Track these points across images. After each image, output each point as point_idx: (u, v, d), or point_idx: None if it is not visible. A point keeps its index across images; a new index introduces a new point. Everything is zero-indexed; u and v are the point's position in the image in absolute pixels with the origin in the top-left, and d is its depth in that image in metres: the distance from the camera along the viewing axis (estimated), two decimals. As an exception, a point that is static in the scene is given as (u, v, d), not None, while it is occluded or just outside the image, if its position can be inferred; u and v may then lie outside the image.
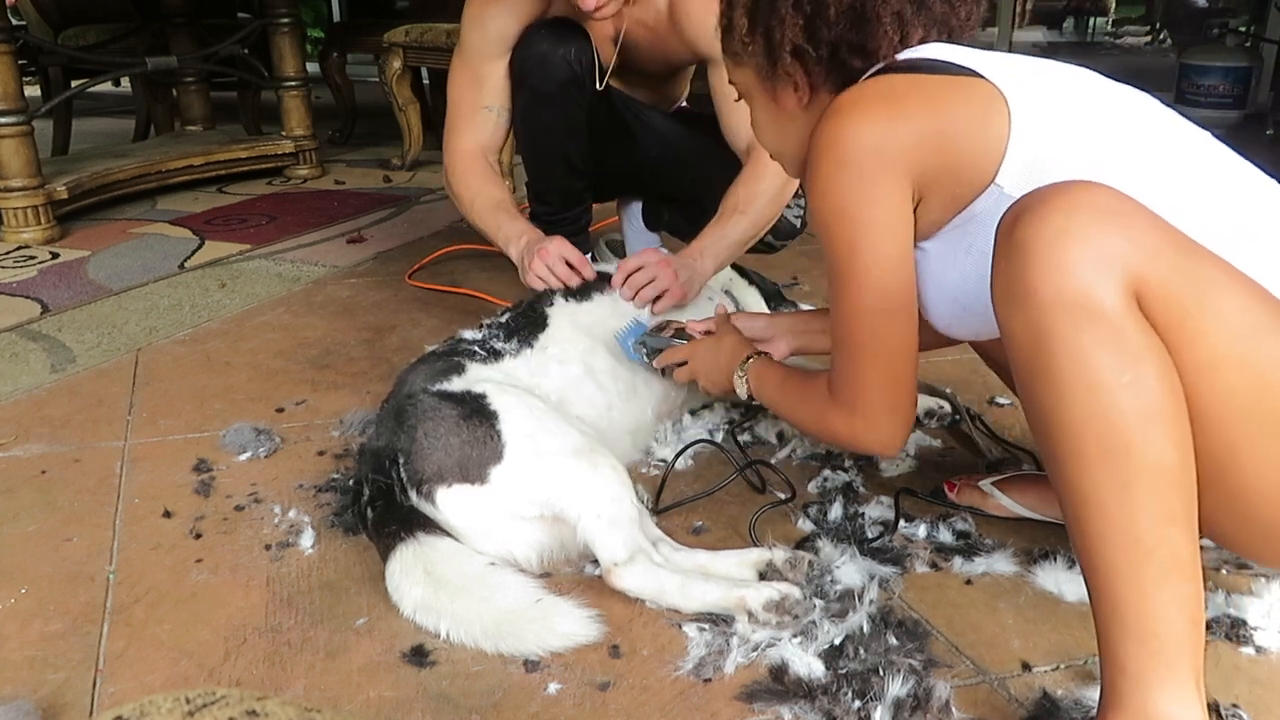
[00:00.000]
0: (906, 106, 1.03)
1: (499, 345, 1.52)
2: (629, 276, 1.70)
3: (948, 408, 1.67)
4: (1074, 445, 0.85)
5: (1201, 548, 0.88)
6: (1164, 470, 0.84)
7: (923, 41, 1.10)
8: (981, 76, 1.02)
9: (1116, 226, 0.85)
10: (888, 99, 1.04)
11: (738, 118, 1.94)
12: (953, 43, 1.10)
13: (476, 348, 1.50)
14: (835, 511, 1.37)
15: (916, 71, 1.06)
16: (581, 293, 1.69)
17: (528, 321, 1.60)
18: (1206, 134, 1.04)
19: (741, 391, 1.37)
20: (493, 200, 2.03)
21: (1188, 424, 0.85)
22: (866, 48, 1.09)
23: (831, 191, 1.05)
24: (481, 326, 1.59)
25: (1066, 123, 1.02)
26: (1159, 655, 0.85)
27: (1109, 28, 9.29)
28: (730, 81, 1.24)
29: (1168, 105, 1.06)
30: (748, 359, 1.37)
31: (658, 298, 1.69)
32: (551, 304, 1.65)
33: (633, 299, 1.68)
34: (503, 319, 1.62)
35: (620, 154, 2.16)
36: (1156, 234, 0.86)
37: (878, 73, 1.09)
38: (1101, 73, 1.10)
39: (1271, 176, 1.02)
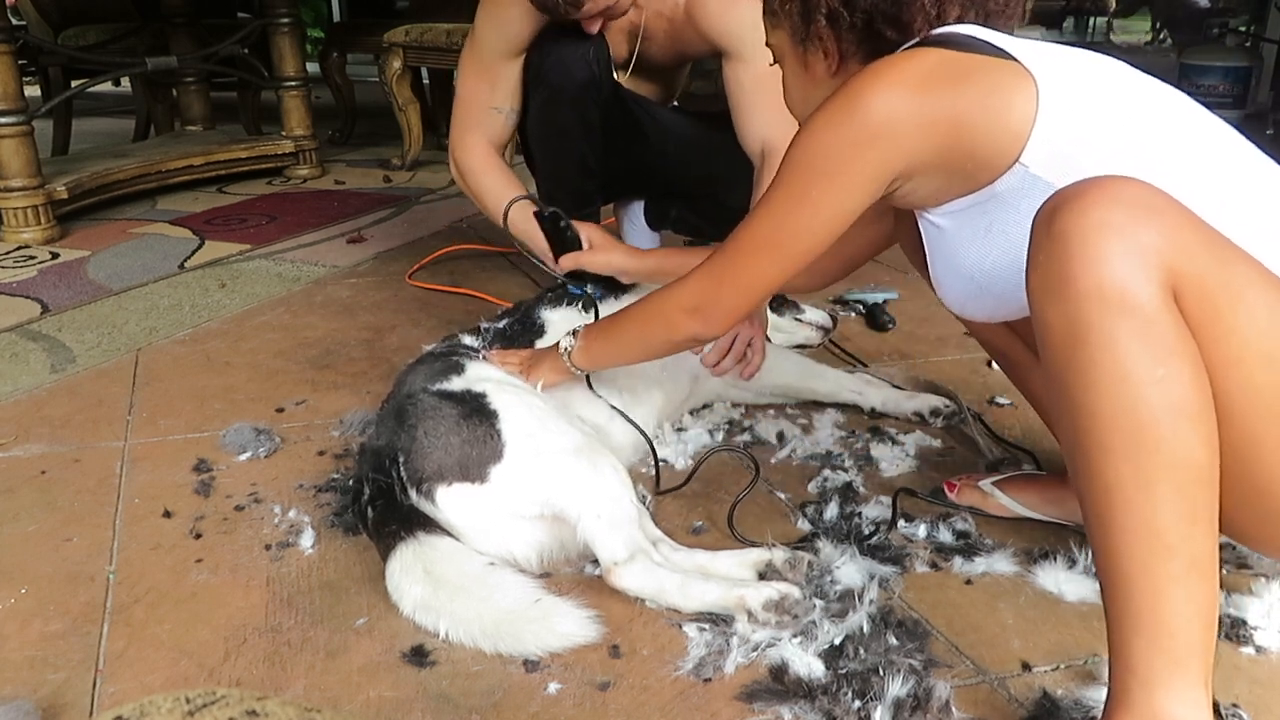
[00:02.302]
0: (934, 86, 1.02)
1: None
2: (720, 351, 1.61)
3: (953, 406, 1.67)
4: (1102, 438, 0.85)
5: None
6: (1190, 467, 0.83)
7: (959, 20, 1.10)
8: (1013, 58, 1.02)
9: (1155, 222, 0.85)
10: (917, 77, 1.02)
11: (754, 120, 1.95)
12: (988, 27, 1.10)
13: (475, 350, 1.50)
14: (835, 511, 1.37)
15: (950, 47, 1.05)
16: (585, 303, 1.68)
17: (524, 329, 1.60)
18: (1232, 129, 1.04)
19: (571, 365, 1.40)
20: (520, 204, 2.05)
21: (1215, 422, 0.85)
22: (901, 19, 1.10)
23: (825, 132, 1.05)
24: (479, 331, 1.59)
25: (1097, 109, 1.02)
26: (1171, 655, 0.85)
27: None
28: (767, 43, 1.25)
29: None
30: (572, 334, 1.41)
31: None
32: (551, 310, 1.64)
33: (716, 365, 1.61)
34: (500, 324, 1.61)
35: (632, 152, 2.16)
36: (1192, 230, 0.87)
37: (910, 47, 1.09)
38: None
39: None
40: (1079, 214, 0.86)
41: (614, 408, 1.47)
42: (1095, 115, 1.01)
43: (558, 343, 1.43)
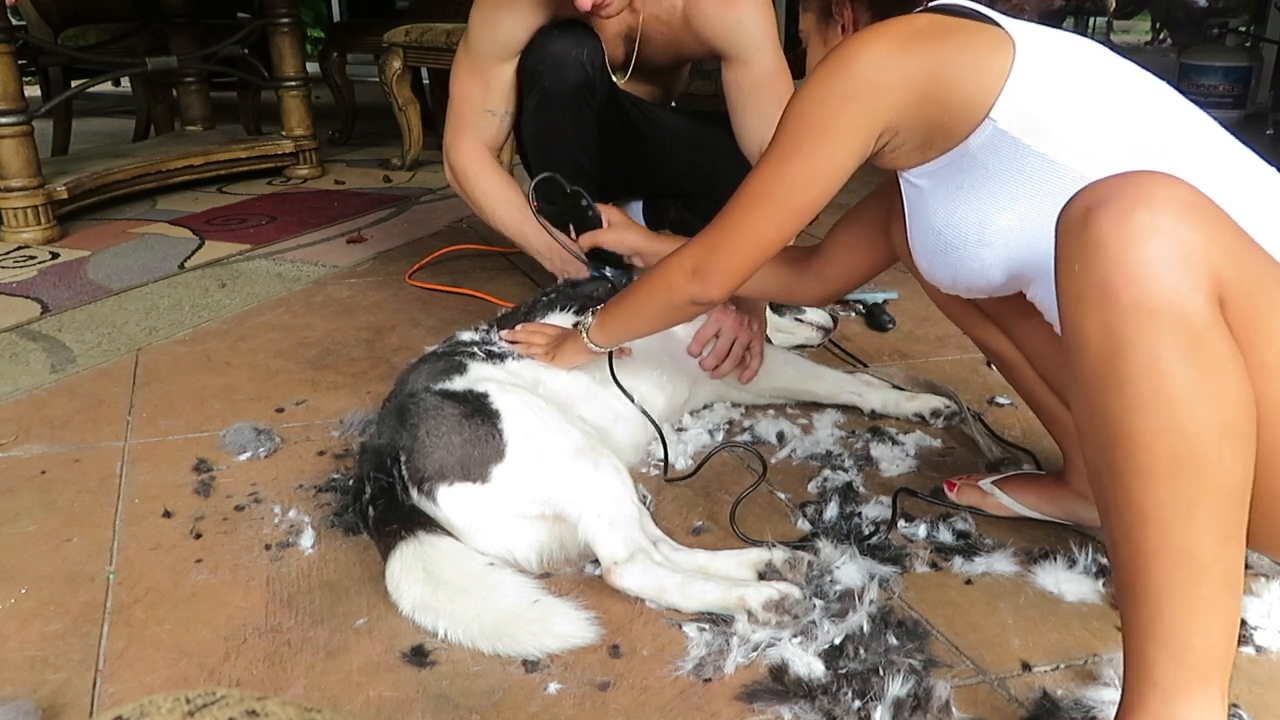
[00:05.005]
0: (915, 43, 1.05)
1: (502, 347, 1.52)
2: (705, 344, 1.63)
3: (953, 406, 1.67)
4: (1142, 459, 0.80)
5: None
6: (1230, 488, 0.80)
7: None
8: (1000, 27, 1.05)
9: (1196, 222, 0.80)
10: (901, 35, 1.06)
11: (753, 121, 1.95)
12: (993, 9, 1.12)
13: (477, 349, 1.50)
14: (835, 511, 1.37)
15: (943, 14, 1.09)
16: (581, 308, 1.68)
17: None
18: (1216, 123, 1.04)
19: (590, 344, 1.42)
20: (514, 205, 2.05)
21: (1255, 438, 0.82)
22: None
23: (813, 92, 1.09)
24: (478, 330, 1.59)
25: (1072, 80, 1.03)
26: (1195, 669, 0.83)
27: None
28: (800, 30, 1.30)
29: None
30: (590, 313, 1.43)
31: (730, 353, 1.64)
32: (551, 309, 1.64)
33: (715, 368, 1.63)
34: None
35: (629, 154, 2.16)
36: (1229, 230, 0.83)
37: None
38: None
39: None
40: (1119, 218, 0.80)
41: (627, 394, 1.47)
42: (1070, 84, 1.03)
43: (577, 323, 1.45)
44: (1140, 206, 0.81)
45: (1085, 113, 1.01)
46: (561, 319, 1.62)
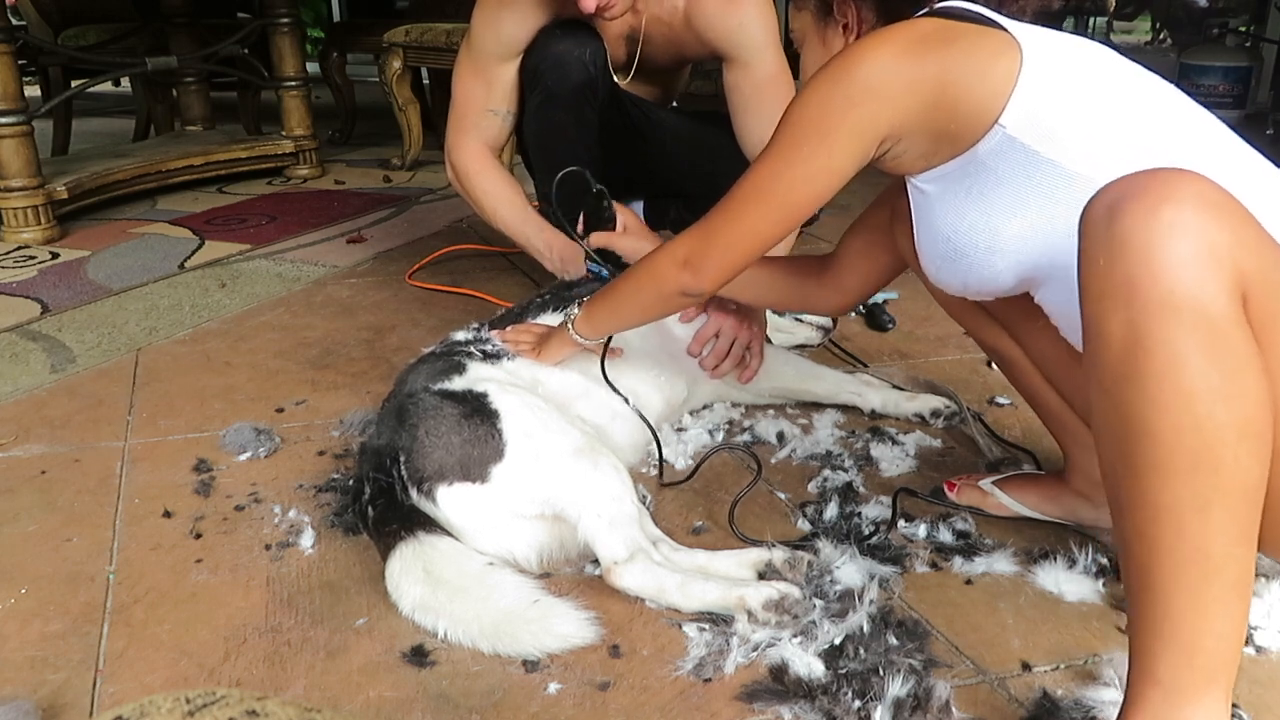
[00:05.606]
0: (921, 48, 1.05)
1: (498, 346, 1.52)
2: (705, 343, 1.64)
3: (953, 406, 1.67)
4: (1161, 457, 0.80)
5: None
6: (1246, 488, 0.80)
7: None
8: (1006, 31, 1.05)
9: (1222, 220, 0.80)
10: (906, 41, 1.06)
11: (754, 122, 1.96)
12: (998, 11, 1.12)
13: (474, 349, 1.50)
14: (835, 511, 1.37)
15: (949, 19, 1.08)
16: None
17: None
18: (1223, 125, 1.04)
19: (575, 335, 1.43)
20: (516, 205, 2.06)
21: (1272, 438, 0.81)
22: None
23: (816, 95, 1.10)
24: (470, 329, 1.59)
25: (1080, 85, 1.03)
26: (1202, 670, 0.83)
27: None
28: (791, 29, 1.29)
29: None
30: (574, 308, 1.44)
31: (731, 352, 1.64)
32: (550, 310, 1.64)
33: (715, 368, 1.64)
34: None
35: (630, 153, 2.17)
36: (1252, 228, 0.83)
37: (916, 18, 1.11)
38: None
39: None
40: (1145, 214, 0.80)
41: (619, 393, 1.47)
42: (1078, 89, 1.02)
43: (565, 318, 1.45)
44: (1166, 203, 0.80)
45: (1094, 118, 1.01)
46: (554, 319, 1.62)
